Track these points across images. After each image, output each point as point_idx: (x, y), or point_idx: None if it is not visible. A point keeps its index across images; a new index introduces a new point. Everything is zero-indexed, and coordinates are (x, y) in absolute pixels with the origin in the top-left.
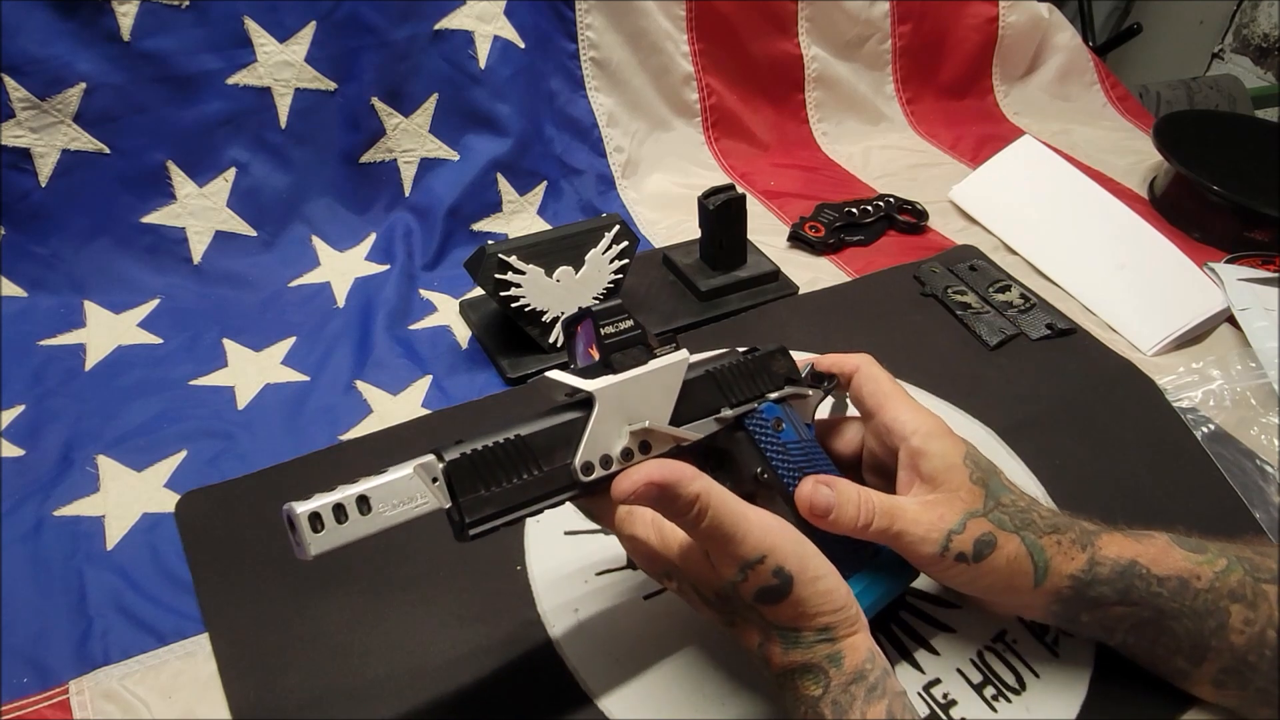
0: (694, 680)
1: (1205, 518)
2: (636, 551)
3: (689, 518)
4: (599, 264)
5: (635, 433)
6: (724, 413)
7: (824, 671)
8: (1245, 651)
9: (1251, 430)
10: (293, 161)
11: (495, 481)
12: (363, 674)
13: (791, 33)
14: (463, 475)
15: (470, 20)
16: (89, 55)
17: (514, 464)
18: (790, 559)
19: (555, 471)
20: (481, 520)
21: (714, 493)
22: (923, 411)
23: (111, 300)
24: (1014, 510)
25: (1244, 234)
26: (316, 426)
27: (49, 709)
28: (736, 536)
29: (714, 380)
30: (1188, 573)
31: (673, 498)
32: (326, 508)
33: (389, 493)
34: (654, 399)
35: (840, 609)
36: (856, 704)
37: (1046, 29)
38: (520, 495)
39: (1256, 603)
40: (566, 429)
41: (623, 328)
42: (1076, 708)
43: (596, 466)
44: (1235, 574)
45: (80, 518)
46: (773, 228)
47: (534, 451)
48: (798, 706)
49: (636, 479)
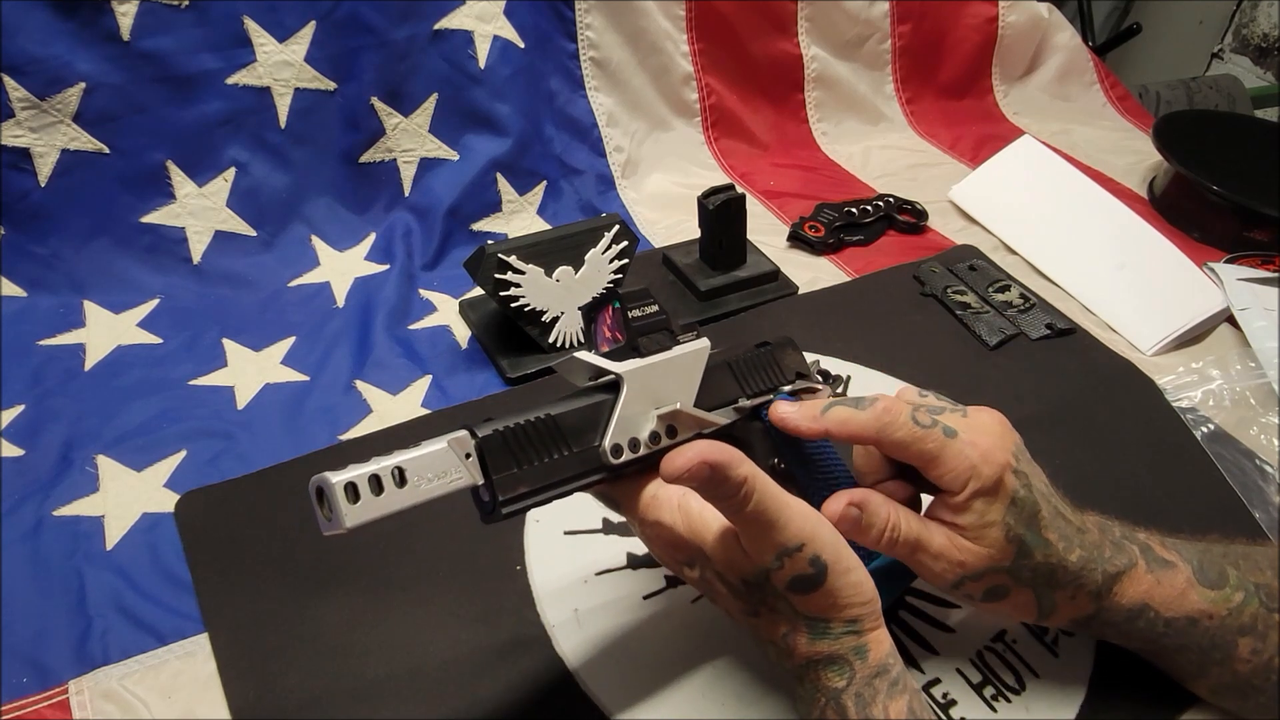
0: (694, 679)
1: (1205, 518)
2: (659, 538)
3: (736, 499)
4: (599, 264)
5: (664, 416)
6: (741, 402)
7: (849, 663)
8: (1249, 677)
9: (1251, 430)
10: (292, 161)
11: (527, 460)
12: (362, 674)
13: (791, 32)
14: (495, 451)
15: (470, 20)
16: (89, 55)
17: (545, 443)
18: (827, 549)
19: (586, 453)
20: (514, 499)
21: (760, 477)
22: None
23: (111, 300)
24: (1041, 570)
25: (1243, 234)
26: (316, 426)
27: (49, 709)
28: (779, 522)
29: (731, 371)
30: (1199, 613)
31: (723, 479)
32: (363, 478)
33: (424, 465)
34: (678, 385)
35: (868, 601)
36: (880, 698)
37: (1046, 29)
38: (551, 475)
39: (1266, 634)
40: (594, 410)
41: (649, 312)
42: (1076, 708)
43: (625, 449)
44: (1250, 608)
45: (80, 517)
46: (772, 228)
47: (563, 432)
48: (817, 699)
49: (690, 456)
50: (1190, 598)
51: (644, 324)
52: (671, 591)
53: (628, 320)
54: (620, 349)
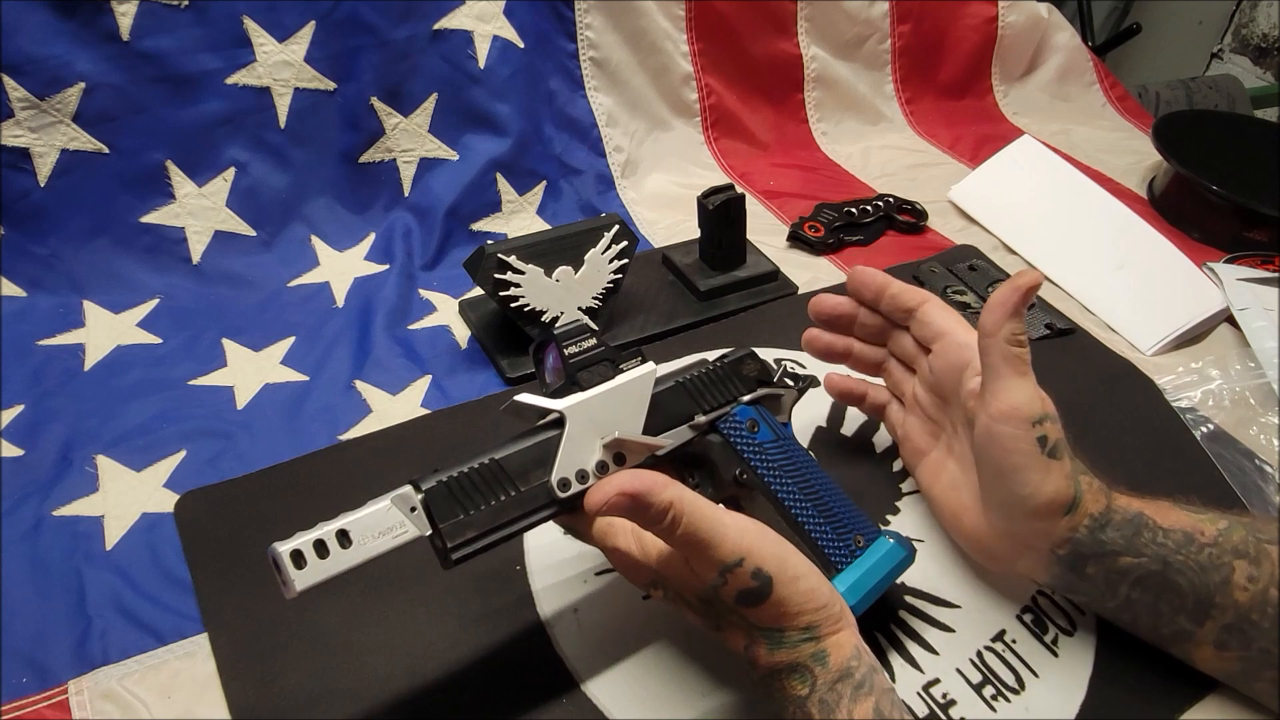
0: (692, 679)
1: None
2: (620, 563)
3: (663, 526)
4: (598, 264)
5: (608, 445)
6: (697, 419)
7: (809, 670)
8: (1248, 609)
9: (1250, 430)
10: (292, 161)
11: (474, 505)
12: (362, 674)
13: (791, 32)
14: (440, 502)
15: (469, 20)
16: (88, 55)
17: (491, 487)
18: (769, 560)
19: (534, 490)
20: (464, 544)
21: (686, 499)
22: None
23: (111, 300)
24: (1066, 440)
25: (1243, 234)
26: (316, 426)
27: (48, 709)
28: (713, 541)
29: (685, 390)
30: (1192, 527)
31: (644, 506)
32: (308, 544)
33: (368, 525)
34: (625, 412)
35: (822, 607)
36: (843, 702)
37: (1046, 29)
38: (500, 516)
39: (1260, 560)
40: (540, 449)
41: (585, 346)
42: (1076, 708)
43: (573, 482)
44: (1238, 533)
45: (79, 518)
46: (772, 228)
47: (509, 474)
48: (786, 707)
49: (608, 490)
50: (1177, 513)
51: (581, 359)
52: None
53: (564, 358)
54: (563, 386)
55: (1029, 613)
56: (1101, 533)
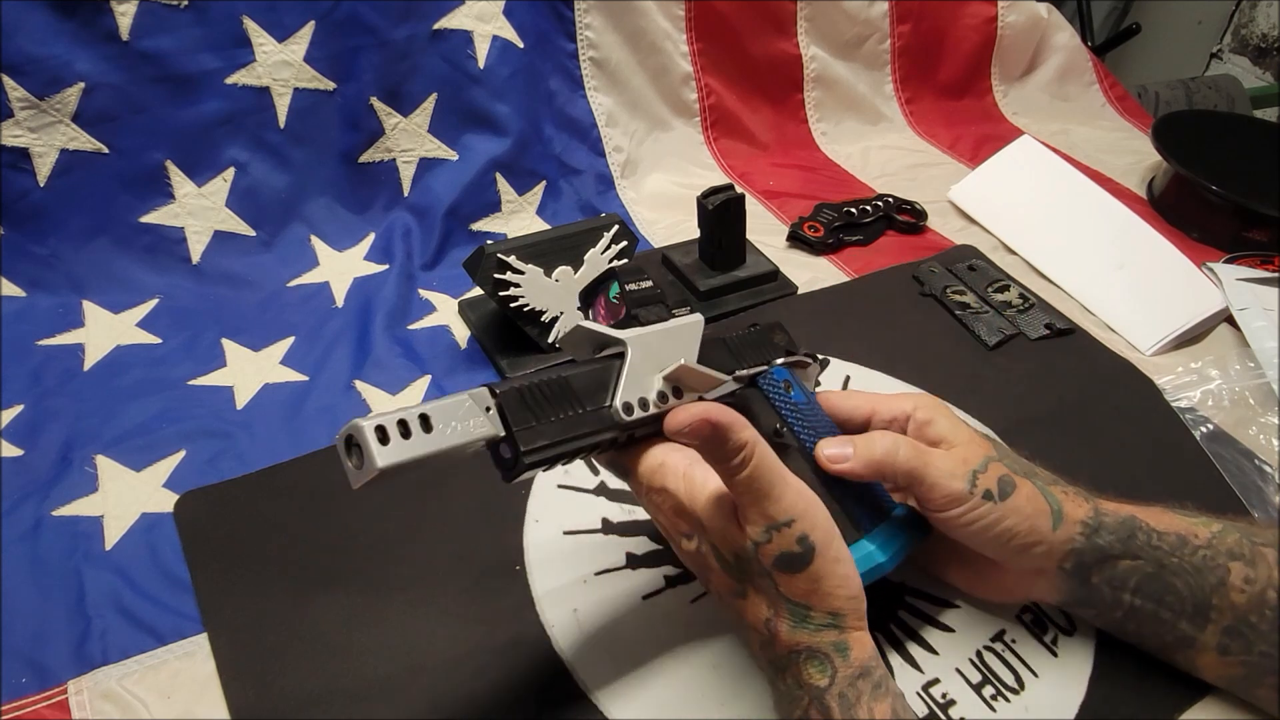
0: (692, 680)
1: None
2: (663, 506)
3: (733, 464)
4: (598, 264)
5: (669, 376)
6: (739, 372)
7: (830, 661)
8: (1247, 611)
9: (1250, 430)
10: (291, 161)
11: (544, 416)
12: (362, 674)
13: (790, 32)
14: (514, 405)
15: (469, 20)
16: (88, 55)
17: (559, 402)
18: (818, 530)
19: (598, 412)
20: (535, 450)
21: (762, 446)
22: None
23: (110, 300)
24: (1022, 463)
25: (1242, 234)
26: (315, 426)
27: (48, 709)
28: (773, 494)
29: (726, 345)
30: (1185, 530)
31: (723, 440)
32: (391, 422)
33: (449, 412)
34: (678, 352)
35: (853, 597)
36: (864, 699)
37: (1045, 29)
38: (568, 430)
39: (1255, 561)
40: (603, 373)
41: (643, 285)
42: (1075, 708)
43: (635, 408)
44: (1231, 535)
45: (79, 518)
46: (772, 228)
47: (576, 392)
48: (799, 698)
49: (695, 412)
50: (1170, 517)
51: (639, 296)
52: (671, 591)
53: (624, 292)
54: (619, 322)
55: (1028, 613)
56: (1098, 536)
